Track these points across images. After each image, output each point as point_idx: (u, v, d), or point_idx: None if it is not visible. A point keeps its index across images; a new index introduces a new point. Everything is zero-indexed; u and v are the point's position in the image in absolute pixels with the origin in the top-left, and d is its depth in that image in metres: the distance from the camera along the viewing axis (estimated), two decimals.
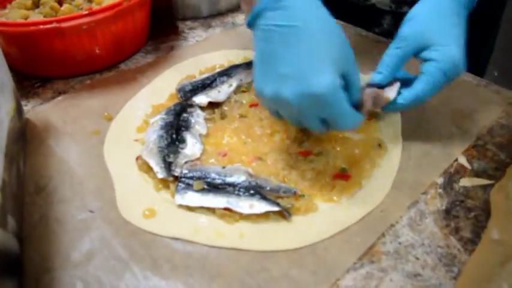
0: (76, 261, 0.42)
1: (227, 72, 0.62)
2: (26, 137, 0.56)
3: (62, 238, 0.45)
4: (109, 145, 0.55)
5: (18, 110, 0.55)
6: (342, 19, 0.80)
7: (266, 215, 0.45)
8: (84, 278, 0.41)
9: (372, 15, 0.80)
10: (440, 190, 0.49)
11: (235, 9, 0.85)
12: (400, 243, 0.44)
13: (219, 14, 0.83)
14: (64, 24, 0.60)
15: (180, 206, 0.46)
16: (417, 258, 0.42)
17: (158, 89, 0.63)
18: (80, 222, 0.46)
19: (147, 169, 0.50)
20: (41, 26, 0.59)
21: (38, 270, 0.42)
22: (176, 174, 0.48)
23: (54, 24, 0.59)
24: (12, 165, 0.46)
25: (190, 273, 0.41)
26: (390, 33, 0.75)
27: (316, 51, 0.41)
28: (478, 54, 0.82)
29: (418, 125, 0.56)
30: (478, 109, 0.59)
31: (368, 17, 0.80)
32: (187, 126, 0.54)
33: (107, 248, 0.43)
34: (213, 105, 0.59)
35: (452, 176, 0.50)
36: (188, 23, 0.82)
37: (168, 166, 0.49)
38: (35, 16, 0.70)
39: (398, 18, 0.77)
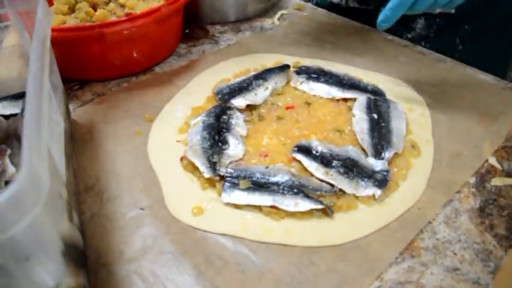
0: (130, 257, 0.45)
1: (262, 76, 0.64)
2: (74, 138, 0.59)
3: (114, 235, 0.47)
4: (152, 146, 0.57)
5: (67, 112, 0.58)
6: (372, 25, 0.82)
7: (310, 213, 0.47)
8: (140, 271, 0.43)
9: (403, 20, 0.81)
10: (473, 189, 0.51)
11: (262, 14, 0.88)
12: (437, 239, 0.46)
13: (247, 18, 0.86)
14: (106, 30, 0.62)
15: (227, 204, 0.49)
16: (455, 254, 0.44)
17: (194, 92, 0.66)
18: (131, 220, 0.48)
19: (192, 169, 0.53)
20: (84, 32, 0.62)
21: (93, 265, 0.44)
22: (221, 173, 0.51)
23: (96, 30, 0.62)
24: (69, 164, 0.48)
25: (242, 269, 0.43)
26: (421, 37, 0.77)
27: None
28: (500, 56, 0.84)
29: (448, 127, 0.59)
30: (505, 111, 0.61)
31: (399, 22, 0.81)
32: (228, 128, 0.57)
33: (159, 244, 0.46)
34: (250, 108, 0.61)
35: (484, 176, 0.52)
36: (218, 27, 0.84)
37: (213, 166, 0.51)
38: (71, 21, 0.72)
39: (430, 20, 0.79)
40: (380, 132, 0.55)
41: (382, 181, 0.49)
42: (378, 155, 0.53)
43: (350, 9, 0.86)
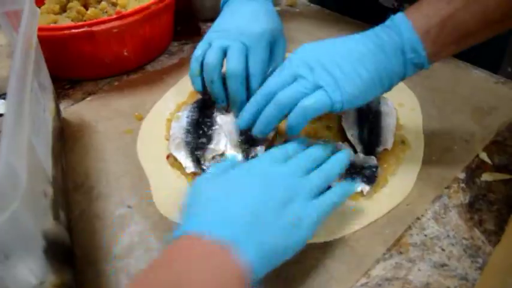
0: (118, 254, 0.45)
1: None
2: (64, 136, 0.59)
3: (103, 232, 0.47)
4: (142, 144, 0.57)
5: (57, 111, 0.58)
6: (350, 16, 0.82)
7: None
8: (127, 269, 0.43)
9: (377, 13, 0.82)
10: (462, 185, 0.51)
11: None
12: (426, 235, 0.46)
13: None
14: (95, 28, 0.62)
15: None
16: (443, 250, 0.44)
17: (184, 90, 0.65)
18: (119, 218, 0.48)
19: (180, 166, 0.52)
20: (73, 30, 0.62)
21: (81, 263, 0.44)
22: (205, 168, 0.51)
23: (85, 28, 0.62)
24: (57, 162, 0.48)
25: None
26: None
27: None
28: (492, 50, 0.84)
29: (439, 122, 0.58)
30: (497, 106, 0.60)
31: (373, 14, 0.82)
32: (211, 122, 0.57)
33: (146, 242, 0.46)
34: None
35: (474, 171, 0.52)
36: (210, 24, 0.84)
37: (196, 160, 0.51)
38: (63, 20, 0.72)
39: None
40: (369, 128, 0.55)
41: (370, 177, 0.49)
42: (367, 151, 0.52)
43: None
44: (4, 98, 0.56)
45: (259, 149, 0.52)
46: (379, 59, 0.44)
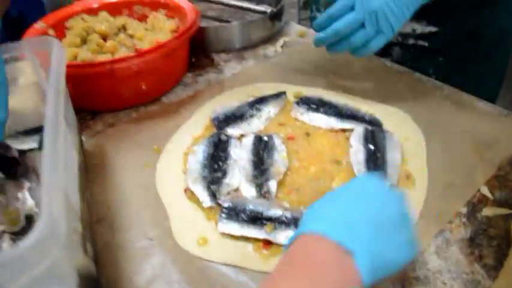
0: (140, 285, 0.48)
1: (257, 106, 0.68)
2: (87, 168, 0.62)
3: (125, 264, 0.50)
4: (160, 177, 0.60)
5: (81, 144, 0.61)
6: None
7: None
8: None
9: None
10: (464, 219, 0.53)
11: (266, 41, 0.91)
12: (428, 269, 0.48)
13: (251, 46, 0.89)
14: (116, 66, 0.66)
15: (231, 235, 0.51)
16: (444, 284, 0.47)
17: (200, 122, 0.69)
18: (141, 250, 0.52)
19: (196, 199, 0.56)
20: (96, 68, 0.66)
21: None
22: (221, 202, 0.54)
23: (107, 66, 0.66)
24: (83, 197, 0.52)
25: None
26: (398, 63, 0.81)
27: None
28: (488, 81, 0.86)
29: (443, 156, 0.60)
30: (499, 139, 0.62)
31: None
32: (226, 156, 0.60)
33: (167, 273, 0.49)
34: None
35: (475, 206, 0.55)
36: (222, 55, 0.88)
37: (212, 195, 0.55)
38: (84, 53, 0.76)
39: (405, 49, 0.83)
40: (376, 163, 0.58)
41: None
42: None
43: None
44: (32, 132, 0.59)
45: (272, 183, 0.55)
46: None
